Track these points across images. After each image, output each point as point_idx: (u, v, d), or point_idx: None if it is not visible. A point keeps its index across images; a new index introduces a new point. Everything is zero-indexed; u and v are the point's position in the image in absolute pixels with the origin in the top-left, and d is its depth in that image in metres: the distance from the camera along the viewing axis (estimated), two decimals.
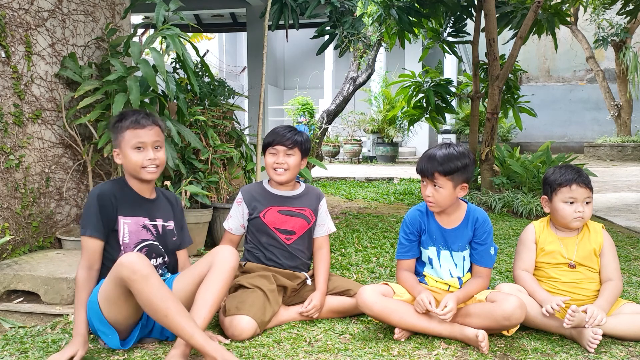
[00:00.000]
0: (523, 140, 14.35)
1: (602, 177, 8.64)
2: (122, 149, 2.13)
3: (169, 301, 1.88)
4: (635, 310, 2.23)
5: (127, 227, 2.13)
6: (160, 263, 2.22)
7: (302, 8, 5.84)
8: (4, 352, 2.08)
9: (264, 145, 2.54)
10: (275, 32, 6.36)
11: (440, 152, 2.22)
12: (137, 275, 1.86)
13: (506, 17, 5.82)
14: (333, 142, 13.18)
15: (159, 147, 2.16)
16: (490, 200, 5.31)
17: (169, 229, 2.26)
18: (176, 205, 2.35)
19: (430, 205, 2.29)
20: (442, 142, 2.33)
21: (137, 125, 2.10)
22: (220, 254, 2.13)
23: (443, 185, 2.21)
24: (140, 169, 2.12)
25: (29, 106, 3.05)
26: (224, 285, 2.08)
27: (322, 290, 2.46)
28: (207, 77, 4.05)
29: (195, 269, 2.16)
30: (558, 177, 2.31)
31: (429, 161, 2.22)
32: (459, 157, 2.21)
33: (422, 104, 6.33)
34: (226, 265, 2.10)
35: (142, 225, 2.17)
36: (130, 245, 2.13)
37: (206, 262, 2.13)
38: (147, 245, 2.17)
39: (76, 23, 3.37)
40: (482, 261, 2.31)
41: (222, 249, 2.17)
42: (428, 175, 2.22)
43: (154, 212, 2.22)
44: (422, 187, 2.30)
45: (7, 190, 2.90)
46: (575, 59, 15.55)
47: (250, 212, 2.52)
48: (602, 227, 2.37)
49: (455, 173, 2.20)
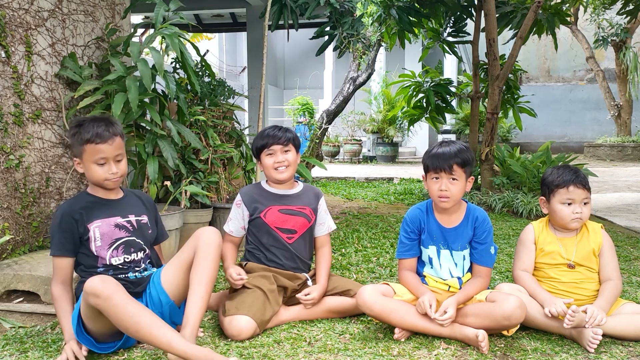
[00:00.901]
0: (523, 140, 14.35)
1: (602, 177, 8.64)
2: (83, 162, 2.12)
3: (137, 316, 1.87)
4: (635, 310, 2.23)
5: (98, 231, 2.12)
6: (142, 257, 2.21)
7: (301, 9, 5.84)
8: (4, 352, 2.08)
9: (256, 149, 2.54)
10: (275, 32, 6.37)
11: (449, 147, 2.25)
12: (101, 299, 1.85)
13: (506, 17, 5.82)
14: (333, 142, 13.19)
15: (120, 159, 2.16)
16: (490, 200, 5.31)
17: (143, 223, 2.25)
18: (146, 200, 2.35)
19: (444, 201, 2.26)
20: (442, 141, 2.34)
21: (98, 140, 2.08)
22: (203, 235, 2.15)
23: (459, 177, 2.23)
24: (104, 181, 2.13)
25: (29, 106, 3.05)
26: (213, 266, 2.11)
27: (323, 284, 2.48)
28: (208, 77, 4.05)
29: (181, 255, 2.17)
30: (555, 178, 2.31)
31: (442, 155, 2.23)
32: (467, 150, 2.27)
33: (422, 104, 6.33)
34: (211, 246, 2.12)
35: (115, 225, 2.16)
36: (104, 247, 2.12)
37: (191, 246, 2.15)
38: (122, 242, 2.16)
39: (76, 23, 3.37)
40: (482, 260, 2.31)
41: (204, 230, 2.18)
42: (445, 168, 2.22)
43: (125, 209, 2.22)
44: (432, 184, 2.27)
45: (7, 190, 2.90)
46: (575, 59, 15.55)
47: (251, 213, 2.52)
48: (601, 227, 2.37)
49: (469, 165, 2.24)
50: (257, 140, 2.55)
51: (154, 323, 1.89)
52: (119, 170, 2.14)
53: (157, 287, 2.16)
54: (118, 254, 2.14)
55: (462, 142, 2.33)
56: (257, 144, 2.53)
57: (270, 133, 2.51)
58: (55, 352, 2.07)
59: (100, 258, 2.12)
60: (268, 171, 2.52)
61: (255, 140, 2.56)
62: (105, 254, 2.12)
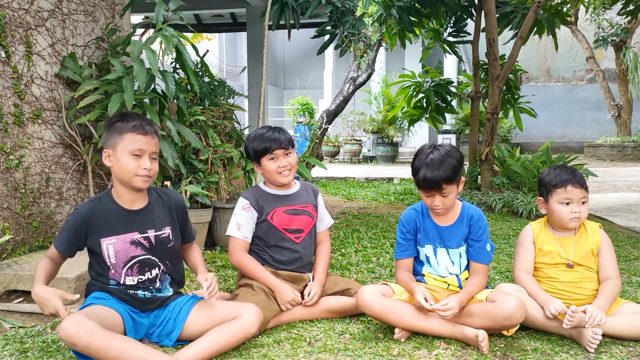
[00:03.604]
0: (523, 140, 14.36)
1: (602, 177, 8.64)
2: (117, 152, 2.03)
3: (124, 354, 1.80)
4: (634, 309, 2.23)
5: (112, 248, 2.05)
6: (157, 274, 2.14)
7: (302, 8, 5.84)
8: (4, 352, 2.08)
9: (257, 152, 2.45)
10: (275, 32, 6.37)
11: (435, 158, 2.20)
12: (79, 346, 1.79)
13: (506, 17, 5.82)
14: (333, 142, 13.19)
15: (155, 158, 2.09)
16: (490, 200, 5.31)
17: (163, 237, 2.15)
18: (175, 203, 2.24)
19: (439, 212, 2.30)
20: (428, 145, 2.28)
21: (141, 131, 2.02)
22: (250, 317, 2.07)
23: (451, 191, 2.24)
24: (134, 177, 2.04)
25: (29, 106, 3.05)
26: (233, 342, 2.03)
27: (320, 280, 2.48)
28: (208, 77, 4.05)
29: (220, 311, 2.10)
30: (553, 178, 2.31)
31: (432, 181, 2.19)
32: (452, 156, 2.22)
33: (422, 104, 6.33)
34: (247, 329, 2.05)
35: (131, 241, 2.08)
36: (119, 264, 2.06)
37: (234, 312, 2.08)
38: (138, 261, 2.09)
39: (76, 23, 3.37)
40: (479, 258, 2.32)
41: (255, 312, 2.09)
42: (435, 188, 2.21)
43: (145, 223, 2.12)
44: (426, 199, 2.28)
45: (7, 190, 2.90)
46: (575, 59, 15.56)
47: (259, 216, 2.48)
48: (599, 227, 2.37)
49: (457, 175, 2.23)
50: (255, 143, 2.45)
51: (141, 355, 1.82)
52: (153, 168, 2.06)
53: (177, 323, 2.10)
54: (133, 274, 2.08)
55: (444, 146, 2.26)
56: (257, 148, 2.44)
57: (269, 136, 2.43)
58: (55, 352, 2.07)
59: (114, 273, 2.07)
60: (272, 175, 2.47)
61: (253, 143, 2.45)
62: (121, 272, 2.07)
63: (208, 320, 2.09)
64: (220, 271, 3.24)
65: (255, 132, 2.51)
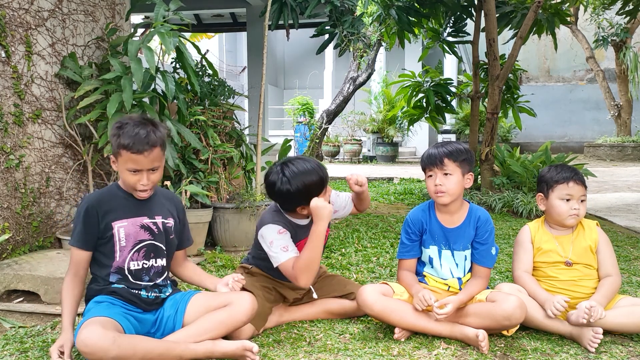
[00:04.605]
0: (523, 140, 14.35)
1: (602, 177, 8.64)
2: (118, 163, 2.06)
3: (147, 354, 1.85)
4: (632, 302, 2.25)
5: (123, 231, 2.06)
6: (160, 269, 2.14)
7: (301, 7, 5.83)
8: (4, 352, 2.08)
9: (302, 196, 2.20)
10: (275, 31, 6.37)
11: (442, 146, 2.30)
12: (97, 355, 1.79)
13: (506, 17, 5.82)
14: (333, 142, 13.19)
15: (155, 169, 2.08)
16: (490, 200, 5.31)
17: (168, 226, 2.18)
18: (176, 203, 2.28)
19: (441, 196, 2.26)
20: (441, 141, 2.37)
21: (135, 151, 1.99)
22: (242, 305, 2.07)
23: (453, 172, 2.24)
24: (133, 190, 2.08)
25: (29, 106, 3.05)
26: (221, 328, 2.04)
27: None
28: (209, 77, 4.05)
29: (215, 301, 2.12)
30: (555, 174, 2.33)
31: (434, 152, 2.27)
32: (460, 146, 2.30)
33: (422, 103, 6.33)
34: (237, 317, 2.06)
35: (141, 225, 2.11)
36: (127, 248, 2.07)
37: (228, 300, 2.09)
38: (145, 245, 2.11)
39: (76, 23, 3.37)
40: (483, 261, 2.31)
41: (248, 300, 2.09)
42: (437, 163, 2.24)
43: (153, 209, 2.15)
44: (429, 181, 2.29)
45: (7, 190, 2.90)
46: (575, 59, 15.56)
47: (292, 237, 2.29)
48: (596, 224, 2.38)
49: (463, 160, 2.25)
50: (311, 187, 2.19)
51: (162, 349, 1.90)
52: (151, 182, 2.06)
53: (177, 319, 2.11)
54: (138, 258, 2.08)
55: (458, 142, 2.36)
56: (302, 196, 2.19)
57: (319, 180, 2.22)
58: None
59: (119, 259, 2.06)
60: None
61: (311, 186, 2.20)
62: (127, 256, 2.06)
63: (208, 311, 2.10)
64: (220, 271, 3.24)
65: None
